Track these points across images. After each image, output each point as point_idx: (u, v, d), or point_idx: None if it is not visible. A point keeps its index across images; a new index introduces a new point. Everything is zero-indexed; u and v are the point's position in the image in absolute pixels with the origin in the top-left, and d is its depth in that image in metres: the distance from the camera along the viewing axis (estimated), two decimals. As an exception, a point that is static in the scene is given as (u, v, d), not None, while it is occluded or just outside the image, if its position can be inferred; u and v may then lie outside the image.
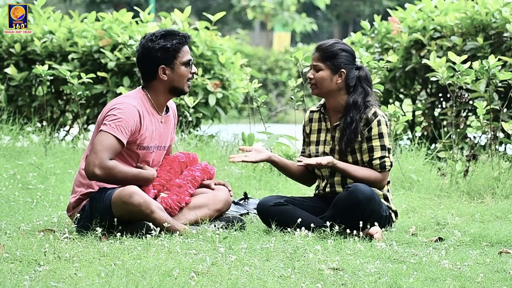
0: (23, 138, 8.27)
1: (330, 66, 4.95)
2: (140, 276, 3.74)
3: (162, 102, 4.89)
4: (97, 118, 8.85)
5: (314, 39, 36.27)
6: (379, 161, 4.91)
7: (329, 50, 4.96)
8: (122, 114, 4.72)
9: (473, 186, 6.44)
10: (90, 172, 4.66)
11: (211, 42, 8.89)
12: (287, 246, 4.47)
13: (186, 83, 4.88)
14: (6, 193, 5.88)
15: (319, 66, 4.96)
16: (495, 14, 7.82)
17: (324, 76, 4.96)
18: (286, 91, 21.37)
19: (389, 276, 3.88)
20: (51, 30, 8.99)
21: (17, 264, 3.94)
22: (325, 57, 4.96)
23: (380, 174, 4.92)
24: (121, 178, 4.69)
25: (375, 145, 4.93)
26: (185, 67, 4.86)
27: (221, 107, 8.99)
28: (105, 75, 8.63)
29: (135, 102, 4.79)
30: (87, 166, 4.67)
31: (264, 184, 6.64)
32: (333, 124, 5.04)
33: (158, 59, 4.82)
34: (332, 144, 5.01)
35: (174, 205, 4.84)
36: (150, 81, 4.87)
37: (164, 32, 4.85)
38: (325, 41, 5.03)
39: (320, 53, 4.98)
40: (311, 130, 5.13)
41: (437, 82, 7.88)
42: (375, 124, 4.93)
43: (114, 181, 4.71)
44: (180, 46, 4.85)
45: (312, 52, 5.09)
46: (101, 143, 4.67)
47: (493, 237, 4.86)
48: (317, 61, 4.98)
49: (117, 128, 4.69)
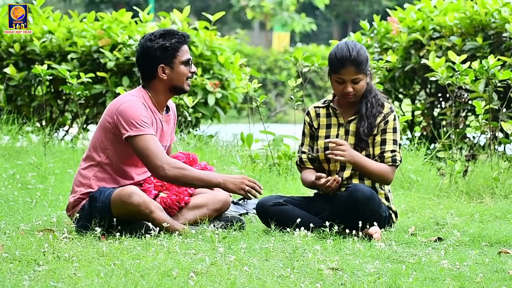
0: (22, 138, 8.26)
1: (364, 71, 4.91)
2: (139, 276, 3.74)
3: (162, 101, 4.89)
4: (97, 117, 8.95)
5: (313, 39, 36.27)
6: (391, 154, 4.91)
7: (360, 60, 4.88)
8: (134, 112, 4.71)
9: (472, 186, 6.44)
10: (161, 174, 4.68)
11: (210, 42, 8.89)
12: (286, 246, 4.47)
13: (186, 82, 4.88)
14: (6, 193, 5.88)
15: (359, 78, 4.90)
16: (494, 14, 7.82)
17: (364, 84, 4.94)
18: (285, 91, 21.37)
19: (388, 276, 3.88)
20: (50, 30, 8.99)
21: (17, 264, 3.93)
22: (362, 68, 4.89)
23: (390, 168, 4.92)
24: (190, 174, 4.70)
25: (388, 139, 4.93)
26: (185, 66, 4.86)
27: (220, 107, 8.99)
28: (104, 75, 8.63)
29: (141, 99, 4.81)
30: (155, 173, 4.69)
31: (264, 184, 6.64)
32: (348, 118, 5.03)
33: (158, 58, 4.82)
34: (345, 138, 5.00)
35: (173, 205, 4.84)
36: (150, 81, 4.87)
37: (163, 32, 4.85)
38: (349, 51, 4.88)
39: (355, 66, 4.86)
40: (320, 125, 5.10)
41: (436, 82, 7.88)
42: (392, 118, 4.94)
43: (185, 177, 4.69)
44: (179, 45, 4.85)
45: (336, 65, 4.87)
46: (146, 147, 4.67)
47: (492, 237, 4.86)
48: (356, 75, 4.88)
49: (142, 126, 4.70)
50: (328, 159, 5.02)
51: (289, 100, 7.11)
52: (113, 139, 4.78)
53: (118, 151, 4.79)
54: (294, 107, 7.06)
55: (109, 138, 4.79)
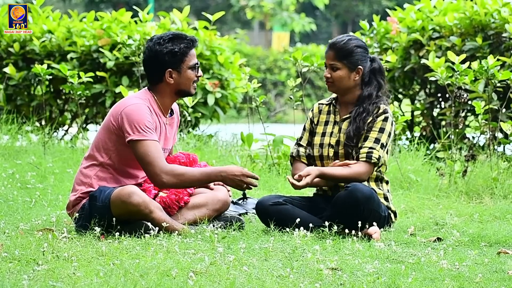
0: (22, 138, 8.26)
1: (347, 64, 4.93)
2: (139, 276, 3.74)
3: (168, 104, 4.89)
4: (96, 117, 8.96)
5: (313, 39, 36.26)
6: (367, 150, 4.88)
7: (344, 49, 4.92)
8: (139, 116, 4.71)
9: (472, 186, 6.44)
10: (159, 183, 4.70)
11: (210, 41, 8.90)
12: (285, 246, 4.47)
13: (192, 86, 4.89)
14: (5, 192, 5.88)
15: (336, 65, 4.93)
16: (494, 14, 7.82)
17: (342, 75, 4.94)
18: (285, 91, 21.37)
19: (388, 276, 3.88)
20: (50, 29, 8.99)
21: (16, 263, 3.93)
22: (341, 55, 4.93)
23: (363, 165, 4.86)
24: (189, 178, 4.70)
25: (371, 136, 4.91)
26: (192, 70, 4.86)
27: (220, 106, 8.99)
28: (104, 74, 8.63)
29: (146, 103, 4.80)
30: (153, 181, 4.71)
31: (263, 184, 6.64)
32: (343, 117, 5.03)
33: (166, 63, 4.81)
34: (338, 136, 5.01)
35: (172, 204, 4.84)
36: (156, 84, 4.86)
37: (172, 36, 4.83)
38: (338, 38, 4.97)
39: (335, 51, 4.94)
40: (319, 122, 5.12)
41: (436, 82, 7.87)
42: (381, 119, 4.93)
43: (183, 182, 4.70)
44: (188, 50, 4.84)
45: (325, 49, 5.05)
46: (146, 153, 4.67)
47: (491, 237, 4.86)
48: (333, 60, 4.94)
49: (145, 131, 4.70)
50: (321, 157, 5.03)
51: (289, 100, 7.11)
52: (116, 140, 4.77)
53: (120, 153, 4.79)
54: (294, 107, 7.06)
55: (112, 140, 4.79)
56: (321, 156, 5.03)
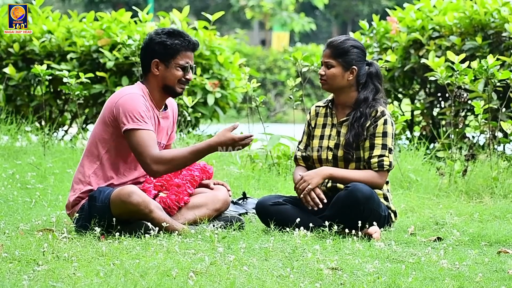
0: (21, 138, 8.26)
1: (341, 63, 4.96)
2: (139, 276, 3.74)
3: (158, 98, 4.89)
4: (96, 117, 8.94)
5: (312, 39, 36.27)
6: (377, 159, 4.90)
7: (340, 47, 4.97)
8: (134, 105, 4.72)
9: (472, 185, 6.44)
10: (151, 173, 4.72)
11: (209, 41, 8.90)
12: (285, 245, 4.47)
13: (178, 85, 4.88)
14: (5, 192, 5.88)
15: (331, 63, 4.97)
16: (493, 14, 7.82)
17: (336, 73, 4.96)
18: (284, 91, 21.37)
19: (388, 275, 3.88)
20: (50, 29, 8.99)
21: (16, 263, 3.93)
22: (336, 54, 4.97)
23: (377, 173, 4.91)
24: (180, 160, 4.70)
25: (377, 143, 4.92)
26: (180, 69, 4.86)
27: (219, 106, 8.99)
28: (103, 74, 8.63)
29: (140, 92, 4.82)
30: (145, 170, 4.73)
31: (263, 184, 6.64)
32: (340, 119, 5.04)
33: (155, 53, 4.84)
34: (337, 139, 5.01)
35: (173, 204, 4.84)
36: (146, 74, 4.91)
37: (172, 30, 4.86)
38: (336, 37, 5.03)
39: (331, 49, 4.98)
40: (316, 124, 5.12)
41: (435, 81, 7.88)
42: (381, 122, 4.93)
43: (176, 167, 4.73)
44: (181, 48, 4.84)
45: (322, 49, 5.09)
46: (138, 143, 4.69)
47: (491, 237, 4.86)
48: (328, 58, 4.98)
49: (140, 120, 4.71)
50: (320, 159, 5.04)
51: (289, 99, 7.11)
52: (113, 132, 4.78)
53: (117, 146, 4.79)
54: (293, 106, 7.06)
55: (109, 132, 4.80)
56: (320, 159, 5.03)
